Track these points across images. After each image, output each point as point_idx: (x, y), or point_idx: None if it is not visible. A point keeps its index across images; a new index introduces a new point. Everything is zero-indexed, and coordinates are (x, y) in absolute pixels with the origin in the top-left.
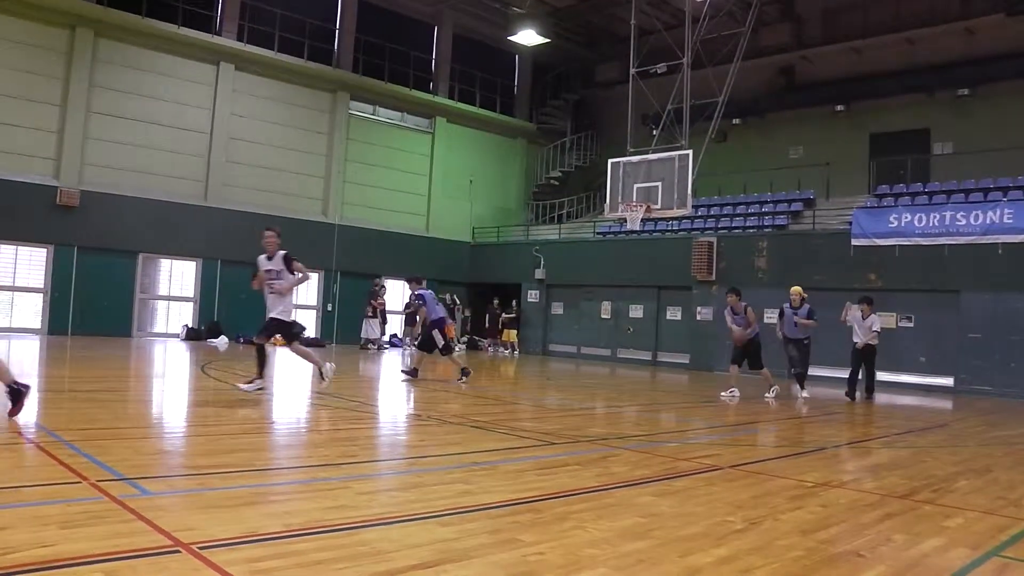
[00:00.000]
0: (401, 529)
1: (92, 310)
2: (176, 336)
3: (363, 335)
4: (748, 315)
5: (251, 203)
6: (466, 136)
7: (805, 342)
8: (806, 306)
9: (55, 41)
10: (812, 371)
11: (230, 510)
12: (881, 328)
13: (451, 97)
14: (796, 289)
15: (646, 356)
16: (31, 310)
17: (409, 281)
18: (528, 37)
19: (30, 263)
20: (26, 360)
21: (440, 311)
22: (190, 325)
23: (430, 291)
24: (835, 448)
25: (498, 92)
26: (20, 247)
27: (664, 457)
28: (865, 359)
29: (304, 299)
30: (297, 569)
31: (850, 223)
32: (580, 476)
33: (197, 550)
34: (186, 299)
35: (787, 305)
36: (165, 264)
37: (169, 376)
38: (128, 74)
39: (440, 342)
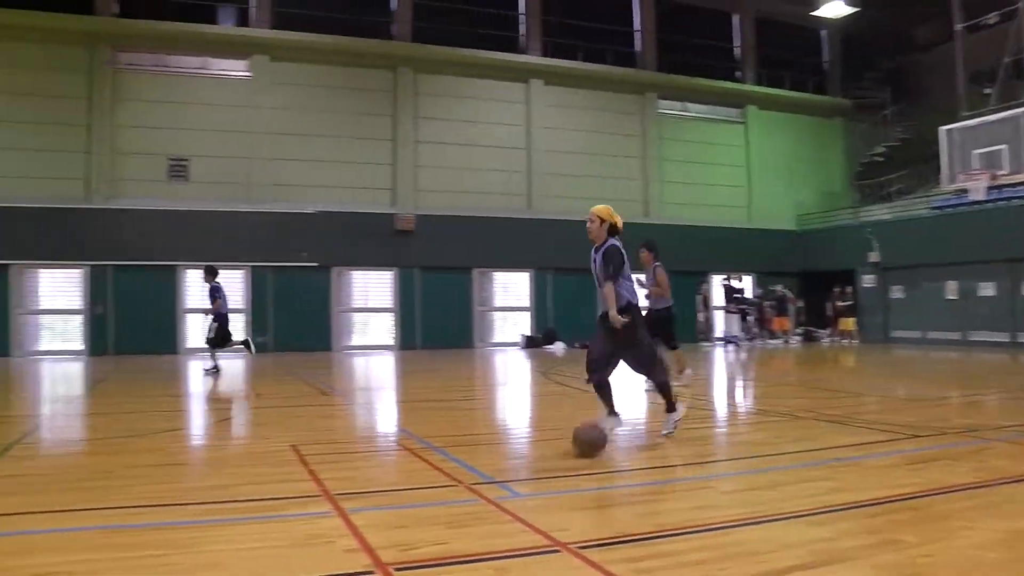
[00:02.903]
0: (772, 529)
1: (436, 325)
2: (515, 345)
3: (724, 332)
4: (657, 276)
5: (573, 211)
6: (780, 121)
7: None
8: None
9: (381, 82)
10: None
11: (599, 511)
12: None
13: (760, 83)
14: (599, 209)
15: (1003, 338)
16: (383, 328)
17: (207, 273)
18: (834, 9)
19: (378, 285)
20: (384, 374)
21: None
22: (527, 334)
23: None
24: None
25: (808, 72)
26: (368, 272)
27: None
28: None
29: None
30: (678, 569)
31: None
32: (955, 471)
33: (576, 549)
34: (522, 309)
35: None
36: (499, 277)
37: (516, 383)
38: (447, 103)
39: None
